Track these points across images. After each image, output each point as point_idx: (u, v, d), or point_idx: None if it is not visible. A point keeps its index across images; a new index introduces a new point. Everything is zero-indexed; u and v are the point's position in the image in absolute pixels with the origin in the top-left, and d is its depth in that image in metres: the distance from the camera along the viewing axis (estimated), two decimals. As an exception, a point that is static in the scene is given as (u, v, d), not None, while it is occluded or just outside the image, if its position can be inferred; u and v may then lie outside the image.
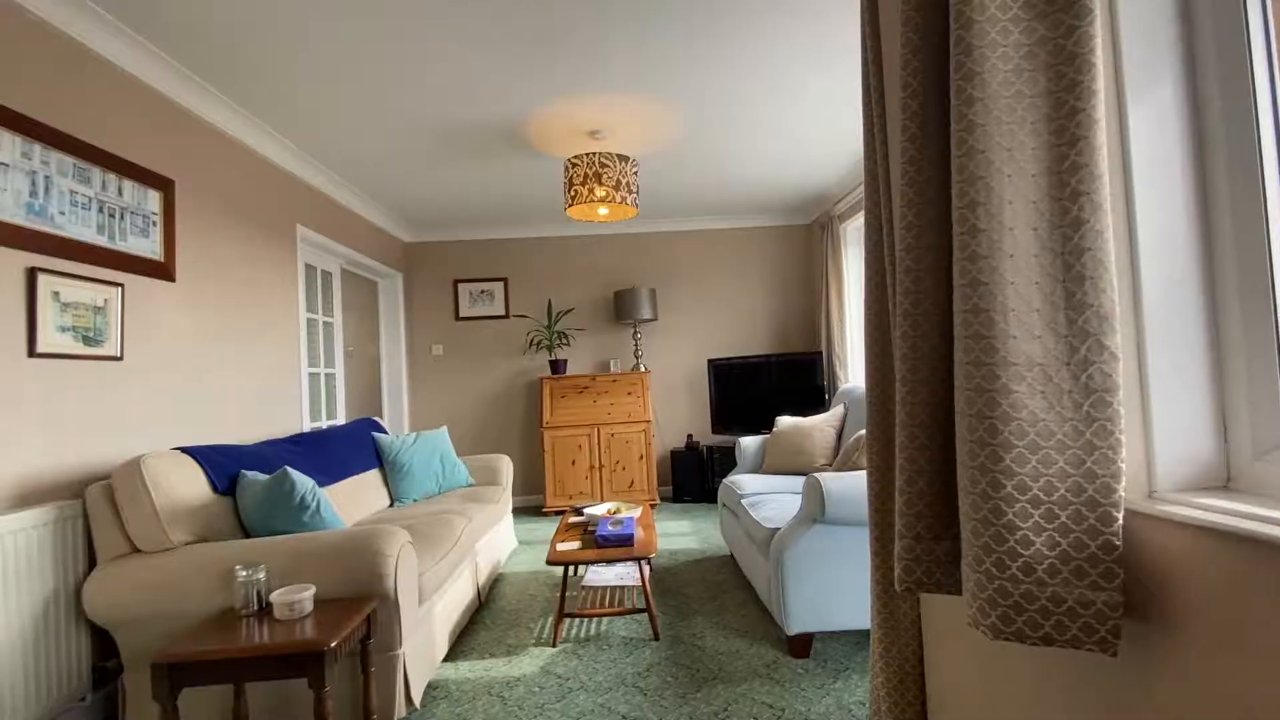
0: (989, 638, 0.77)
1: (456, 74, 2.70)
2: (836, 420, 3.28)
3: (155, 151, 2.48)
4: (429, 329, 5.31)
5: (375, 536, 1.89)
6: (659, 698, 2.02)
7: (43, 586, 1.83)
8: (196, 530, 1.98)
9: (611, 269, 5.41)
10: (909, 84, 0.94)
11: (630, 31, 2.46)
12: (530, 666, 2.28)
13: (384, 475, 3.38)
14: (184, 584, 1.82)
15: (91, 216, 2.18)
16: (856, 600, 2.20)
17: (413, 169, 3.82)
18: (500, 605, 2.94)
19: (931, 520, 0.92)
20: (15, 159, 1.91)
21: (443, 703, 2.05)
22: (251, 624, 1.66)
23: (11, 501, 1.85)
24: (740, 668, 2.19)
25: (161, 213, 2.50)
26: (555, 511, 4.86)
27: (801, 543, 2.21)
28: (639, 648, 2.39)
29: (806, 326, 5.45)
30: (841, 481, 2.15)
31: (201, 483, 2.06)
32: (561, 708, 1.99)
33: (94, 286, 2.16)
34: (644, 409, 4.96)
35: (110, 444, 2.20)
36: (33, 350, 1.94)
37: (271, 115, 2.99)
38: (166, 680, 1.50)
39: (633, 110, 3.15)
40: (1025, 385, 0.75)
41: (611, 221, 3.58)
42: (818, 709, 1.91)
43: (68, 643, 1.90)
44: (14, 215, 1.90)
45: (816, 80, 2.93)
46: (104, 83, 2.26)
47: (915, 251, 0.92)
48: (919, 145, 0.93)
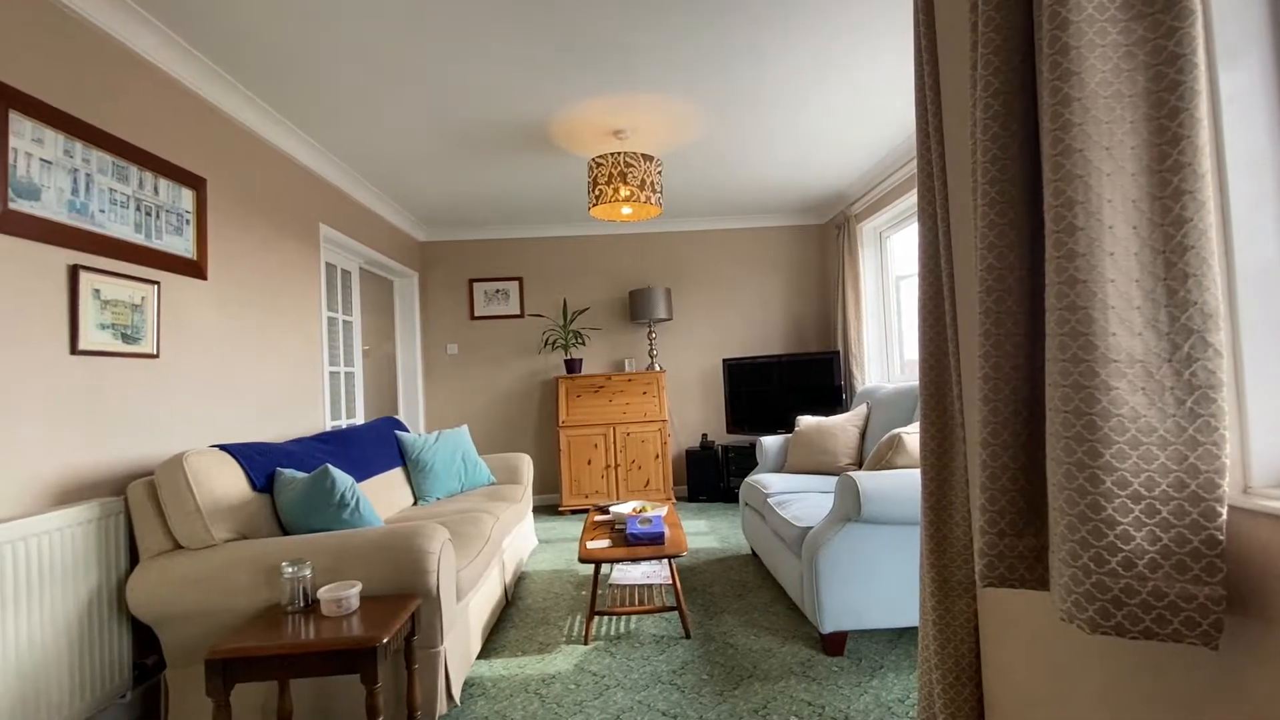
0: (1086, 632, 0.77)
1: (486, 74, 2.71)
2: (859, 420, 3.29)
3: (188, 150, 2.49)
4: (444, 328, 5.32)
5: (417, 534, 1.90)
6: (697, 695, 2.03)
7: (86, 583, 1.84)
8: (237, 527, 1.99)
9: (626, 269, 5.42)
10: (990, 84, 0.94)
11: (660, 32, 2.47)
12: (564, 664, 2.29)
13: (407, 474, 3.38)
14: (228, 580, 1.83)
15: (129, 214, 2.18)
16: (890, 599, 2.21)
17: (434, 168, 3.82)
18: (527, 603, 2.95)
19: (1014, 517, 0.93)
20: (58, 156, 1.92)
21: (480, 700, 2.06)
22: (299, 620, 1.67)
23: (54, 498, 1.86)
24: (775, 665, 2.20)
25: (194, 211, 2.50)
26: (571, 510, 4.87)
27: (835, 542, 2.22)
28: (671, 645, 2.40)
29: (821, 326, 5.46)
30: (877, 481, 2.16)
31: (240, 480, 2.07)
32: (600, 705, 1.99)
33: (132, 284, 2.17)
34: (659, 408, 4.97)
35: (146, 441, 2.21)
36: (75, 348, 1.95)
37: (298, 114, 3.00)
38: (220, 676, 1.51)
39: (657, 110, 3.16)
40: (1125, 382, 0.76)
41: (631, 221, 3.58)
42: (857, 706, 1.91)
43: (110, 639, 1.91)
44: (56, 213, 1.91)
45: (837, 82, 2.94)
46: (140, 80, 2.26)
47: (998, 249, 0.93)
48: (1001, 145, 0.93)
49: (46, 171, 1.87)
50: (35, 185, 1.84)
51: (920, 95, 1.44)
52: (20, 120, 1.80)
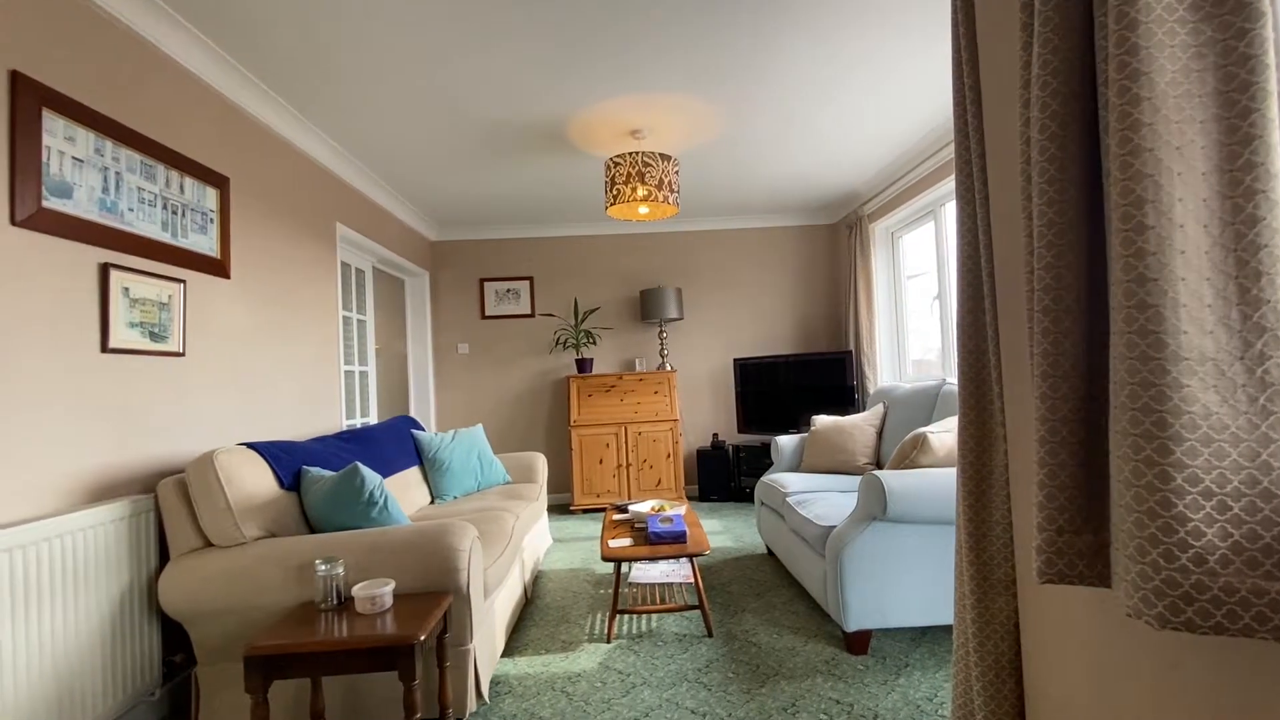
0: (1155, 627, 0.78)
1: (506, 73, 2.72)
2: (876, 419, 3.30)
3: (211, 149, 2.50)
4: (455, 327, 5.32)
5: (448, 532, 1.91)
6: (724, 693, 2.03)
7: (118, 581, 1.85)
8: (266, 525, 1.99)
9: (637, 268, 5.42)
10: (1049, 84, 0.95)
11: (681, 32, 2.47)
12: (588, 662, 2.30)
13: (424, 472, 3.39)
14: (260, 578, 1.84)
15: (156, 213, 2.19)
16: (914, 598, 2.22)
17: (450, 167, 3.83)
18: (546, 601, 2.95)
19: (1073, 513, 0.93)
20: (89, 155, 1.92)
21: (508, 698, 2.06)
22: (335, 618, 1.68)
23: (86, 496, 1.86)
24: (799, 664, 2.20)
25: (218, 210, 2.51)
26: (583, 510, 4.87)
27: (860, 541, 2.22)
28: (694, 644, 2.40)
29: (830, 326, 5.46)
30: (903, 480, 2.16)
31: (268, 478, 2.07)
32: (628, 703, 2.00)
33: (159, 283, 2.18)
34: (671, 408, 4.97)
35: (171, 439, 2.22)
36: (105, 346, 1.95)
37: (318, 113, 3.00)
38: (259, 672, 1.51)
39: (675, 110, 3.16)
40: (1197, 380, 0.77)
41: (645, 221, 3.59)
42: (885, 704, 1.92)
43: (140, 637, 1.91)
44: (88, 211, 1.91)
45: (856, 82, 2.95)
46: (165, 79, 2.27)
47: (1056, 248, 0.94)
48: (1060, 144, 0.94)
49: (78, 170, 1.88)
50: (67, 183, 1.84)
51: (959, 94, 1.45)
52: (53, 118, 1.81)
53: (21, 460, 1.67)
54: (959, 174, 1.45)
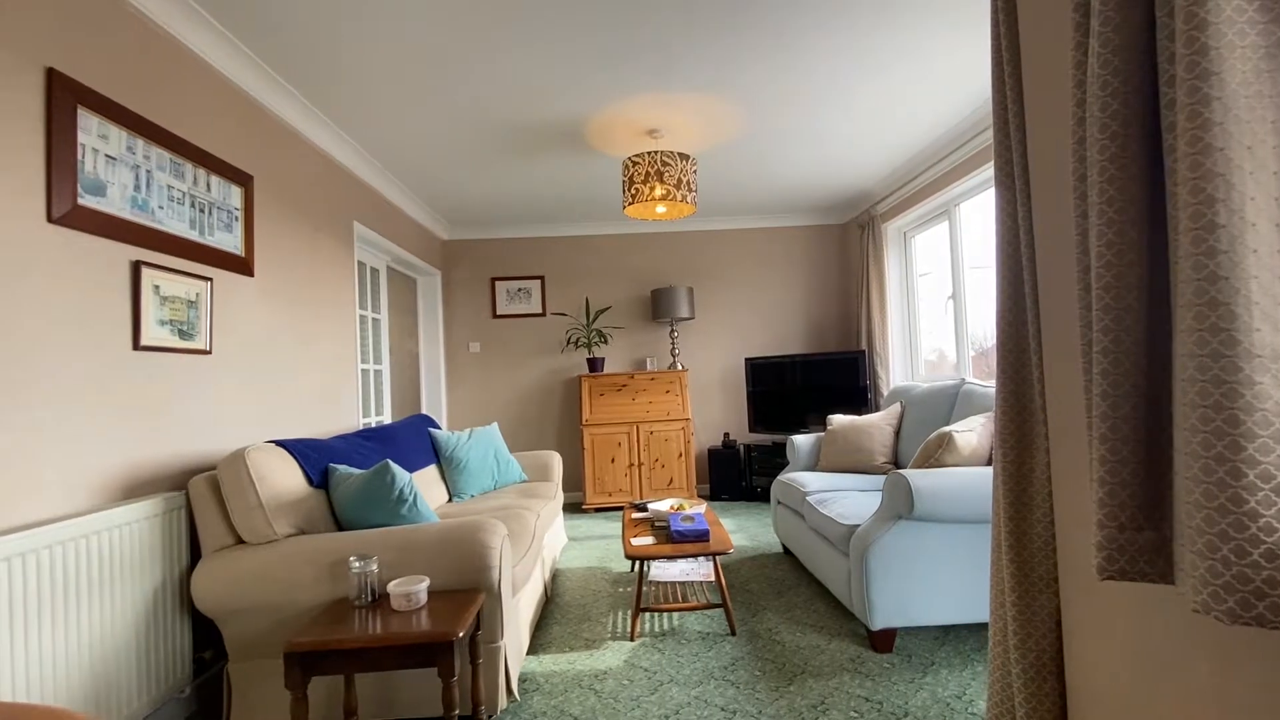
0: (1225, 623, 0.78)
1: (526, 73, 2.72)
2: (894, 419, 3.30)
3: (237, 147, 2.50)
4: (466, 326, 5.33)
5: (480, 529, 1.91)
6: (752, 691, 2.04)
7: (151, 578, 1.85)
8: (296, 522, 2.00)
9: (648, 268, 5.43)
10: (1109, 83, 0.95)
11: (702, 32, 2.48)
12: (613, 660, 2.30)
13: (441, 471, 3.40)
14: (292, 575, 1.84)
15: (185, 211, 2.19)
16: (940, 596, 2.22)
17: (466, 166, 3.83)
18: (566, 600, 2.96)
19: (1134, 511, 0.94)
20: (121, 153, 1.93)
21: (536, 695, 2.07)
22: (371, 615, 1.68)
23: (118, 493, 1.87)
24: (825, 662, 2.21)
25: (243, 208, 2.51)
26: (595, 508, 4.88)
27: (886, 539, 2.23)
28: (718, 642, 2.41)
29: (841, 326, 5.47)
30: (929, 479, 2.17)
31: (298, 475, 2.08)
32: (657, 700, 2.00)
33: (188, 280, 2.18)
34: (683, 407, 4.98)
35: (198, 437, 2.22)
36: (137, 343, 1.96)
37: (339, 112, 3.01)
38: (299, 668, 1.52)
39: (694, 109, 3.17)
40: (1270, 377, 0.77)
41: (661, 220, 3.60)
42: (915, 702, 1.93)
43: (172, 634, 1.92)
44: (120, 209, 1.92)
45: (870, 84, 2.95)
46: (193, 77, 2.27)
47: (1117, 247, 0.94)
48: (1121, 143, 0.95)
49: (111, 168, 1.88)
50: (101, 181, 1.85)
51: (999, 93, 1.46)
52: (87, 116, 1.81)
53: (57, 457, 1.67)
54: (999, 172, 1.45)
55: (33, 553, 1.48)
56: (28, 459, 1.59)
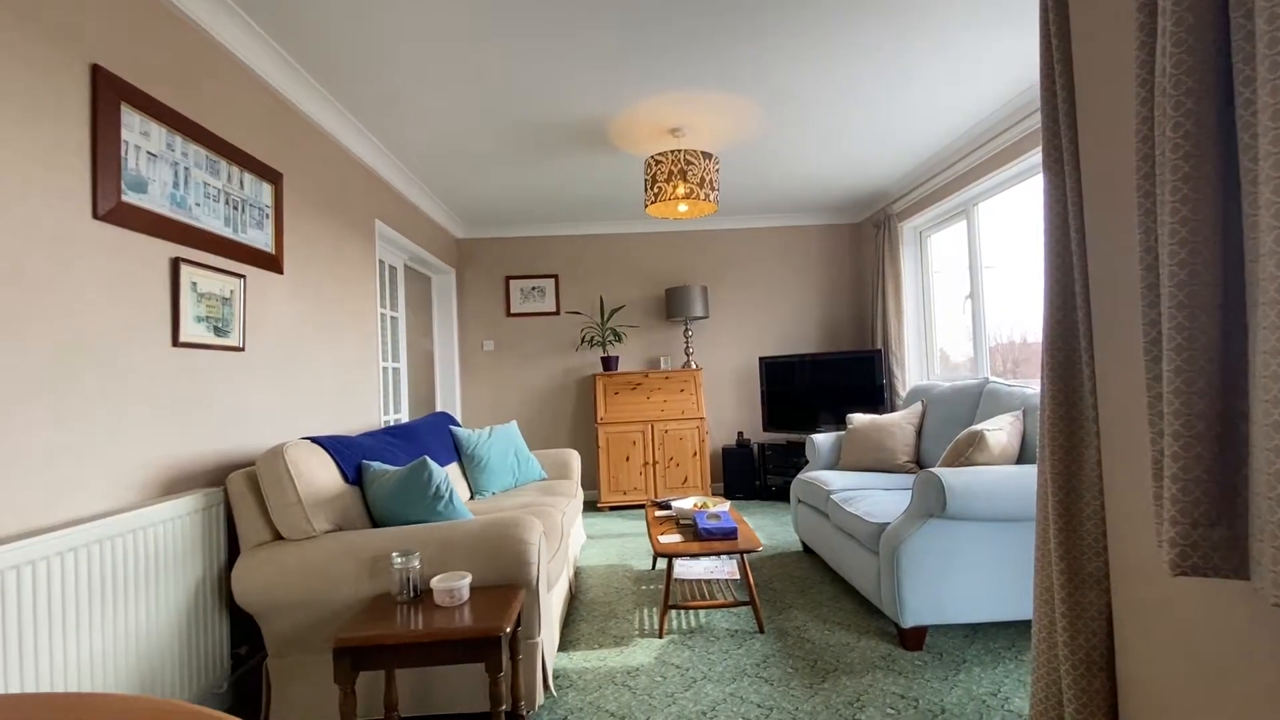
0: (1310, 618, 0.79)
1: (552, 75, 2.73)
2: (915, 417, 3.31)
3: (267, 145, 2.51)
4: (480, 325, 5.34)
5: (518, 525, 1.92)
6: (786, 687, 2.05)
7: (193, 573, 1.86)
8: (333, 518, 2.00)
9: (662, 267, 5.44)
10: (1182, 82, 0.96)
11: (728, 31, 2.48)
12: (644, 657, 2.31)
13: (462, 468, 3.40)
14: (333, 571, 1.85)
15: (220, 208, 2.20)
16: (970, 593, 2.23)
17: (486, 165, 3.84)
18: (590, 597, 2.97)
19: (1207, 507, 0.95)
20: (161, 150, 1.93)
21: (570, 691, 2.08)
22: (413, 610, 1.69)
23: (159, 489, 1.88)
24: (856, 660, 2.22)
25: (273, 205, 2.52)
26: (610, 507, 4.89)
27: (917, 537, 2.24)
28: (747, 640, 2.42)
29: (855, 325, 5.48)
30: (962, 478, 2.18)
31: (334, 472, 2.08)
32: (692, 696, 2.01)
33: (223, 277, 2.19)
34: (697, 405, 4.99)
35: (232, 434, 2.23)
36: (176, 340, 1.96)
37: (364, 110, 3.01)
38: (348, 663, 1.53)
39: (717, 108, 3.17)
40: (1358, 374, 0.78)
41: (682, 219, 3.60)
42: (950, 699, 1.93)
43: (212, 629, 1.93)
44: (160, 205, 1.92)
45: (896, 84, 2.96)
46: (227, 75, 2.28)
47: (1191, 246, 0.95)
48: (1195, 143, 0.95)
49: (152, 165, 1.89)
50: (143, 178, 1.86)
51: (1048, 90, 1.46)
52: (130, 113, 1.82)
53: (103, 452, 1.68)
54: (1048, 172, 1.46)
55: (84, 548, 1.48)
56: (76, 455, 1.60)
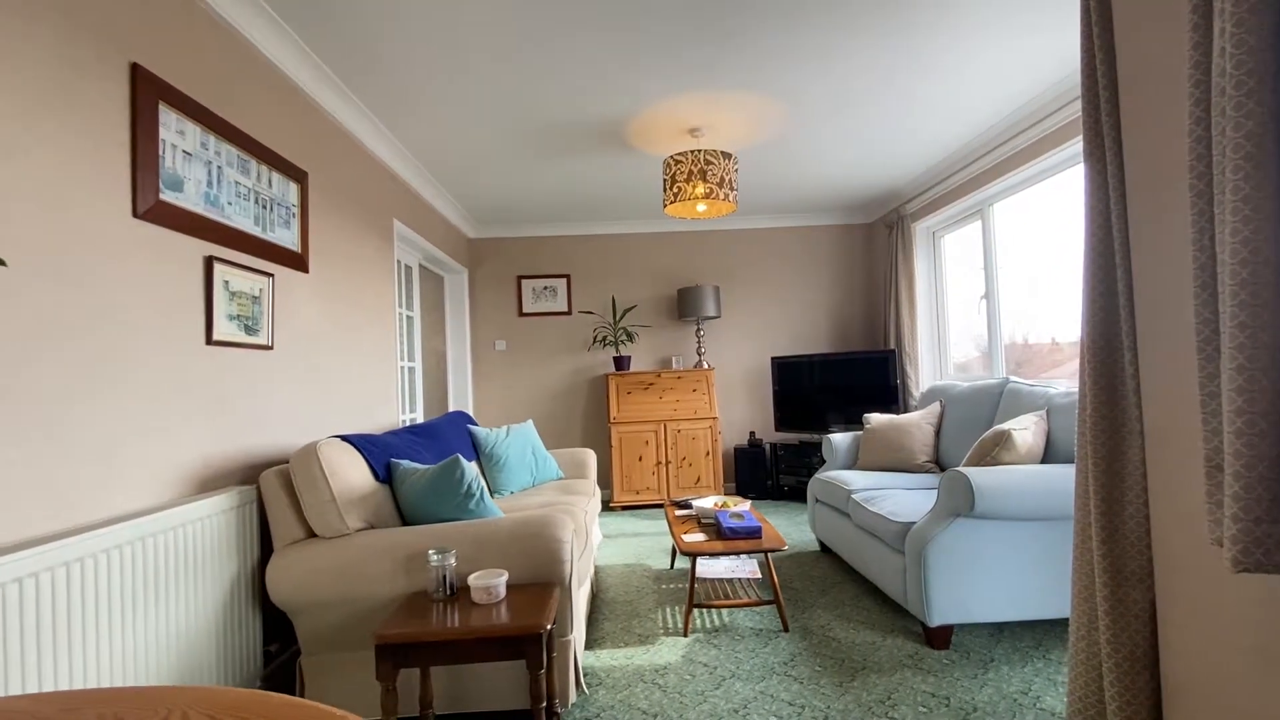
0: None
1: (574, 75, 2.74)
2: (933, 417, 3.32)
3: (293, 144, 2.52)
4: (492, 324, 5.35)
5: (551, 523, 1.93)
6: (816, 685, 2.05)
7: (228, 571, 1.87)
8: (366, 516, 2.01)
9: (674, 267, 5.44)
10: (1243, 83, 0.97)
11: (752, 30, 2.49)
12: (671, 655, 2.31)
13: (481, 467, 3.41)
14: (369, 568, 1.85)
15: (250, 207, 2.21)
16: (996, 592, 2.24)
17: (503, 165, 3.85)
18: (610, 596, 2.97)
19: (1270, 504, 0.95)
20: (196, 148, 1.94)
21: (600, 690, 2.08)
22: (451, 608, 1.69)
23: (194, 486, 1.88)
24: (883, 658, 2.22)
25: (299, 204, 2.53)
26: (623, 506, 4.89)
27: (944, 536, 2.24)
28: (772, 638, 2.42)
29: (866, 325, 5.49)
30: (990, 477, 2.18)
31: (365, 470, 2.09)
32: (723, 695, 2.02)
33: (253, 276, 2.19)
34: (710, 405, 4.99)
35: (261, 431, 2.23)
36: (210, 338, 1.97)
37: (384, 110, 3.02)
38: (390, 660, 1.53)
39: (738, 108, 3.18)
40: None
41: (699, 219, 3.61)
42: (981, 698, 1.94)
43: (246, 627, 1.93)
44: (195, 204, 1.93)
45: (917, 85, 2.96)
46: (255, 73, 2.29)
47: (1254, 244, 0.96)
48: (1257, 142, 0.96)
49: (187, 163, 1.90)
50: (179, 177, 1.86)
51: (1090, 87, 1.47)
52: (167, 112, 1.83)
53: (143, 450, 1.69)
54: (1090, 170, 1.46)
55: (129, 544, 1.49)
56: (118, 452, 1.60)
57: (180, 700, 0.62)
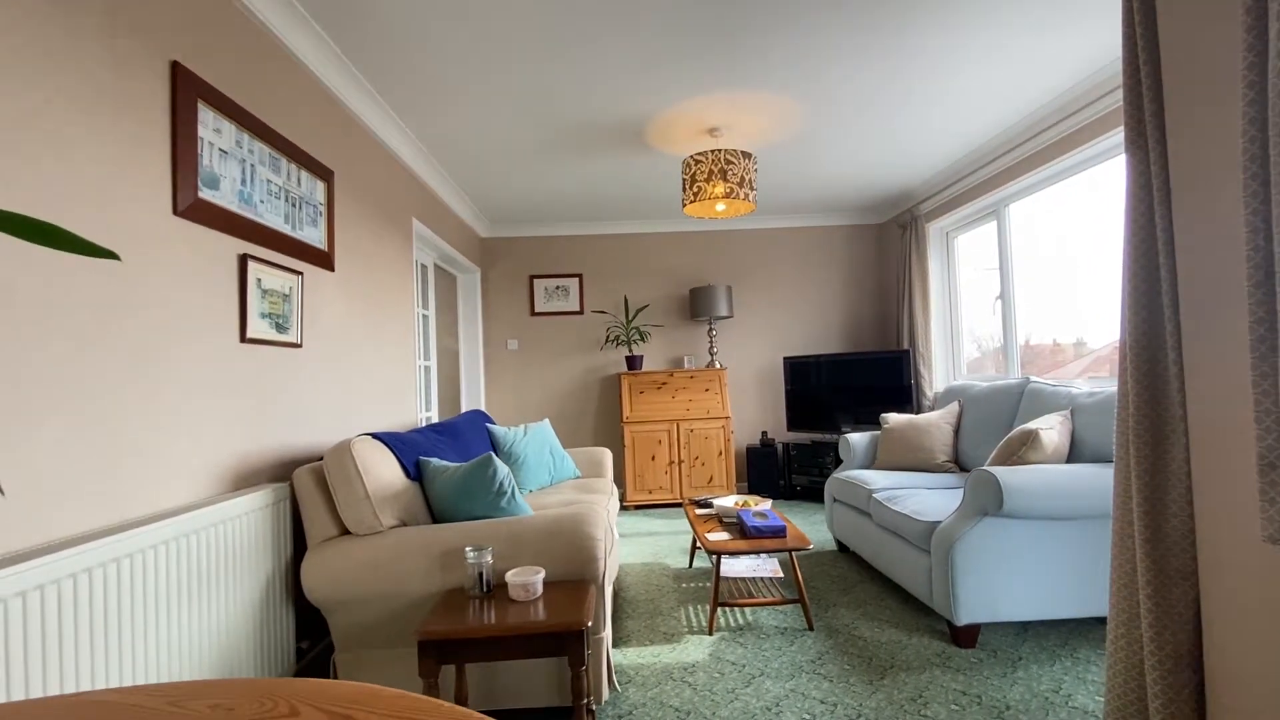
0: None
1: (597, 76, 2.74)
2: (952, 417, 3.32)
3: (320, 143, 2.52)
4: (504, 323, 5.35)
5: (585, 520, 1.93)
6: (847, 684, 2.06)
7: (264, 567, 1.87)
8: (398, 514, 2.02)
9: (686, 267, 5.45)
10: (1306, 83, 0.98)
11: (782, 30, 2.49)
12: (698, 654, 2.32)
13: (500, 466, 3.41)
14: (404, 565, 1.86)
15: (280, 206, 2.21)
16: (1022, 591, 2.24)
17: (521, 164, 3.85)
18: (631, 594, 2.98)
19: (1334, 501, 0.96)
20: (231, 147, 1.95)
21: (630, 687, 2.09)
22: (488, 605, 1.70)
23: (229, 484, 1.89)
24: (911, 657, 2.23)
25: (325, 203, 2.53)
26: (635, 505, 4.90)
27: (971, 535, 2.25)
28: (798, 637, 2.43)
29: (878, 326, 5.49)
30: (1018, 476, 2.19)
31: (396, 468, 2.10)
32: (753, 693, 2.02)
33: (283, 274, 2.20)
34: (722, 405, 5.00)
35: (291, 429, 2.24)
36: (243, 336, 1.98)
37: (406, 109, 3.03)
38: (433, 656, 1.54)
39: (759, 108, 3.19)
40: None
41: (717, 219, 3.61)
42: (1013, 696, 1.95)
43: (280, 624, 1.94)
44: (230, 202, 1.94)
45: (940, 84, 2.97)
46: (284, 71, 2.29)
47: (1317, 243, 0.96)
48: (1320, 142, 0.97)
49: (223, 161, 1.91)
50: (216, 175, 1.87)
51: (1132, 85, 1.48)
52: (205, 110, 1.83)
53: (181, 447, 1.69)
54: (1132, 158, 1.47)
55: (175, 540, 1.50)
56: (159, 448, 1.61)
57: (288, 692, 0.62)
